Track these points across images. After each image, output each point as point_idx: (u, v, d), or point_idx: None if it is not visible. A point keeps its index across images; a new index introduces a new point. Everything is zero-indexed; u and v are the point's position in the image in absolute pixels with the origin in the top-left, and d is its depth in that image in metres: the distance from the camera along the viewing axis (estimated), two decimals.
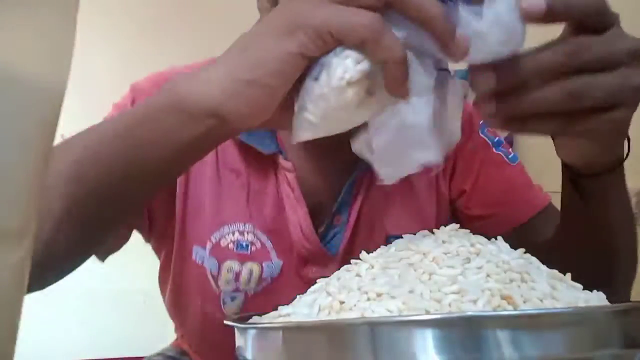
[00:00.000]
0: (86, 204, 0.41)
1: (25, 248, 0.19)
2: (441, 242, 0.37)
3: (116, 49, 1.67)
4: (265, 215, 0.62)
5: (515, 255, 0.36)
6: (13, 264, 0.19)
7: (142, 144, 0.40)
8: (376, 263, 0.36)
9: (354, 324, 0.29)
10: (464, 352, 0.26)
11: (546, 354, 0.27)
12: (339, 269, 0.39)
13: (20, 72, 0.18)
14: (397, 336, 0.27)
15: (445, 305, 0.31)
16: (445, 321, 0.27)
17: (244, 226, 0.60)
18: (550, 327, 0.27)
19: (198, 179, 0.61)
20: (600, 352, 0.28)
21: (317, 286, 0.39)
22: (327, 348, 0.29)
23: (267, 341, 0.32)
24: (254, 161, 0.62)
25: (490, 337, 0.26)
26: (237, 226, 0.60)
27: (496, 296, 0.31)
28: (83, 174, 0.41)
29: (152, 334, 1.73)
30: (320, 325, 0.32)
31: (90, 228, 0.43)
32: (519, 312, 0.30)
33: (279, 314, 0.37)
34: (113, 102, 0.62)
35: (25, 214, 0.19)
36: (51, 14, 0.19)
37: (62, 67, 0.20)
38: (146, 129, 0.39)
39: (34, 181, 0.20)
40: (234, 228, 0.60)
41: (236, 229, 0.60)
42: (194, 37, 1.61)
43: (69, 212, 0.41)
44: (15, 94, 0.18)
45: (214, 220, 0.60)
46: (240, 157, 0.61)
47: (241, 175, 0.61)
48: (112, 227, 0.47)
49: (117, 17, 1.66)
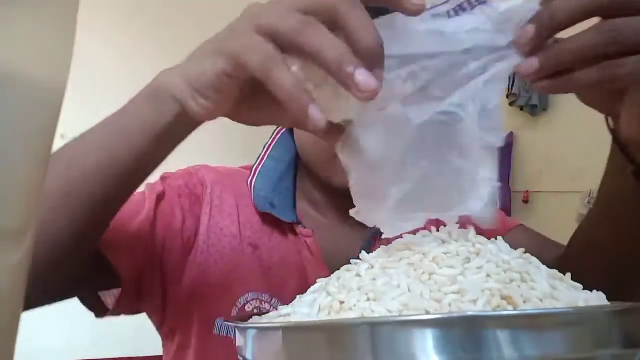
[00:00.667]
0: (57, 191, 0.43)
1: (25, 248, 0.19)
2: (441, 242, 0.37)
3: (117, 48, 1.67)
4: (288, 286, 0.62)
5: (515, 255, 0.36)
6: (13, 264, 0.19)
7: (119, 132, 0.43)
8: (376, 263, 0.36)
9: (354, 324, 0.29)
10: (464, 352, 0.26)
11: (546, 354, 0.27)
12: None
13: (20, 72, 0.18)
14: (397, 336, 0.27)
15: (445, 305, 0.31)
16: (445, 321, 0.27)
17: (262, 296, 0.61)
18: (550, 327, 0.27)
19: (219, 253, 0.62)
20: (600, 352, 0.28)
21: (317, 286, 0.39)
22: (327, 348, 0.29)
23: (267, 341, 0.32)
24: (274, 233, 0.64)
25: (490, 337, 0.26)
26: (257, 294, 0.61)
27: (496, 296, 0.31)
28: (69, 159, 0.44)
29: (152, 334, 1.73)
30: (320, 325, 0.32)
31: (58, 223, 0.43)
32: (519, 312, 0.30)
33: (279, 314, 0.37)
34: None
35: (25, 214, 0.19)
36: (51, 14, 0.19)
37: (62, 67, 0.20)
38: (125, 118, 0.43)
39: (34, 181, 0.20)
40: (255, 296, 0.61)
41: (258, 297, 0.61)
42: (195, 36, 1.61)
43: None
44: (15, 94, 0.18)
45: (239, 288, 0.61)
46: (261, 231, 0.64)
47: (258, 249, 0.63)
48: (81, 225, 0.45)
49: (118, 16, 1.66)
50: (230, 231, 0.62)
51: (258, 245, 0.63)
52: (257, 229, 0.63)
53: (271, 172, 0.65)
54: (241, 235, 0.63)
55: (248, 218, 0.64)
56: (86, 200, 0.44)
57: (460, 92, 0.35)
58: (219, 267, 0.61)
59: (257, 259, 0.62)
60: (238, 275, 0.61)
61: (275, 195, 0.64)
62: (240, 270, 0.61)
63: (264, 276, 0.62)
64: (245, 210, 0.64)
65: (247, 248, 0.62)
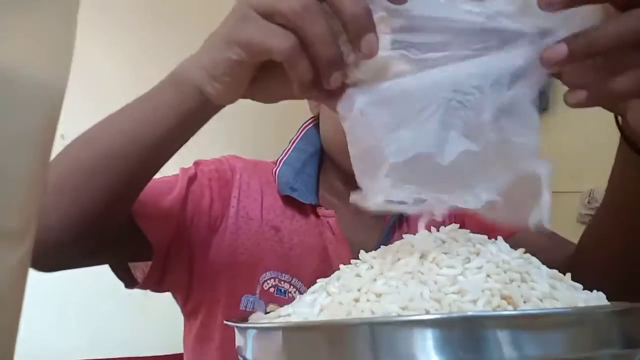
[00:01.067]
0: (80, 173, 0.48)
1: (25, 248, 0.19)
2: (441, 242, 0.37)
3: (118, 47, 1.67)
4: (309, 266, 0.66)
5: (515, 255, 0.36)
6: (13, 264, 0.19)
7: (145, 116, 0.47)
8: (376, 263, 0.36)
9: (354, 324, 0.29)
10: (464, 352, 0.26)
11: (546, 354, 0.27)
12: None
13: (21, 72, 0.18)
14: (397, 336, 0.27)
15: (445, 305, 0.31)
16: (445, 321, 0.27)
17: (282, 275, 0.66)
18: (550, 327, 0.27)
19: (245, 234, 0.66)
20: (600, 352, 0.28)
21: (317, 286, 0.39)
22: (327, 348, 0.29)
23: (267, 341, 0.32)
24: (295, 216, 0.69)
25: (490, 337, 0.26)
26: (276, 274, 0.66)
27: (496, 296, 0.31)
28: (96, 141, 0.49)
29: (152, 334, 1.73)
30: (320, 325, 0.32)
31: (84, 199, 0.48)
32: (519, 312, 0.30)
33: (279, 314, 0.37)
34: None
35: (25, 214, 0.19)
36: (51, 14, 0.19)
37: (62, 67, 0.20)
38: (149, 103, 0.47)
39: (34, 181, 0.20)
40: (274, 275, 0.66)
41: (276, 276, 0.65)
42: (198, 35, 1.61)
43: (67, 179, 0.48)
44: (15, 94, 0.18)
45: (261, 267, 0.65)
46: (283, 214, 0.69)
47: (280, 231, 0.67)
48: (105, 202, 0.49)
49: (119, 15, 1.66)
50: (255, 214, 0.67)
51: (280, 228, 0.67)
52: (279, 212, 0.68)
53: (294, 161, 0.71)
54: (264, 218, 0.68)
55: (271, 203, 0.69)
56: (114, 179, 0.48)
57: (478, 73, 0.34)
58: (245, 247, 0.66)
59: (278, 241, 0.67)
60: (261, 255, 0.66)
61: (296, 181, 0.69)
62: (262, 251, 0.66)
63: (284, 257, 0.66)
64: (269, 196, 0.69)
65: (269, 230, 0.67)
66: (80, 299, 1.56)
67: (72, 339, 1.59)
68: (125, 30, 1.66)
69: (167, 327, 1.66)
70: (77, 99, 1.11)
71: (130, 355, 1.56)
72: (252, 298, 0.65)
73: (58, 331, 1.59)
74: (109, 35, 1.62)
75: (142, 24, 1.68)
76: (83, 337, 1.61)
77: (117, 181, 0.48)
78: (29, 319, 0.34)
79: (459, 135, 0.34)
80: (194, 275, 0.64)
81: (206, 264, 0.64)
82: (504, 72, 0.34)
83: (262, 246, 0.66)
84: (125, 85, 1.78)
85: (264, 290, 0.65)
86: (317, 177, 0.72)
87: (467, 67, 0.34)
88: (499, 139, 0.34)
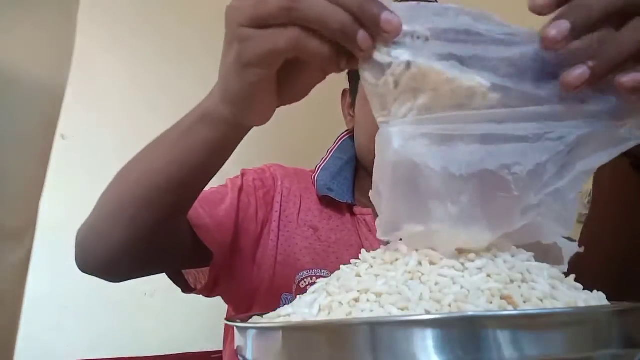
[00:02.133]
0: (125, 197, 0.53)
1: (25, 248, 0.19)
2: None
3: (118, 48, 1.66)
4: (346, 262, 0.67)
5: (516, 256, 0.36)
6: (13, 264, 0.19)
7: (175, 161, 0.49)
8: (376, 263, 0.36)
9: (354, 324, 0.29)
10: (464, 352, 0.26)
11: (546, 354, 0.27)
12: None
13: (21, 72, 0.18)
14: (397, 336, 0.27)
15: (445, 305, 0.31)
16: (445, 321, 0.27)
17: (321, 272, 0.70)
18: (550, 327, 0.27)
19: (284, 235, 0.72)
20: (600, 352, 0.28)
21: (317, 286, 0.39)
22: (327, 348, 0.29)
23: (267, 341, 0.32)
24: (332, 216, 0.75)
25: (490, 337, 0.26)
26: (313, 272, 0.71)
27: (496, 296, 0.31)
28: (132, 180, 0.52)
29: (152, 334, 1.73)
30: (320, 325, 0.32)
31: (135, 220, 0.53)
32: (519, 312, 0.30)
33: (279, 314, 0.37)
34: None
35: (25, 214, 0.19)
36: (51, 14, 0.19)
37: (63, 67, 0.20)
38: (179, 147, 0.49)
39: (34, 181, 0.20)
40: (312, 273, 0.71)
41: (314, 274, 0.70)
42: (198, 36, 1.61)
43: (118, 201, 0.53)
44: (15, 94, 0.18)
45: (297, 266, 0.71)
46: (320, 215, 0.75)
47: (318, 230, 0.74)
48: (153, 229, 0.53)
49: (119, 15, 1.66)
50: (295, 217, 0.74)
51: (318, 227, 0.74)
52: (317, 213, 0.75)
53: (331, 167, 0.78)
54: (303, 219, 0.74)
55: (310, 206, 0.76)
56: (159, 209, 0.52)
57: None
58: (284, 247, 0.72)
59: (316, 239, 0.73)
60: (298, 256, 0.72)
61: (333, 183, 0.76)
62: (299, 251, 0.72)
63: (322, 253, 0.72)
64: (308, 200, 0.76)
65: (308, 230, 0.73)
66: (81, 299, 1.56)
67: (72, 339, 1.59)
68: (126, 30, 1.66)
69: (167, 327, 1.66)
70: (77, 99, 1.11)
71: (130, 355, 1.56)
72: (290, 297, 0.68)
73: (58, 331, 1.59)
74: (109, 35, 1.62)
75: (143, 24, 1.68)
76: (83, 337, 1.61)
77: (162, 212, 0.52)
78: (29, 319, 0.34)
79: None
80: (243, 279, 0.70)
81: (252, 268, 0.70)
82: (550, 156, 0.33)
83: (300, 246, 0.72)
84: (125, 85, 1.78)
85: (300, 288, 0.68)
86: (353, 181, 0.79)
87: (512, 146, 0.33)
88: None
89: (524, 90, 0.33)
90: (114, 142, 1.52)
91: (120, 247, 0.53)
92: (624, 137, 0.33)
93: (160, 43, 1.67)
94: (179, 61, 1.66)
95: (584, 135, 0.33)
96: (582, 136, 0.33)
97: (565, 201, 0.33)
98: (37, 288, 0.72)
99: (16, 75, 0.18)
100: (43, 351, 1.47)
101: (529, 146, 0.33)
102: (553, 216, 0.34)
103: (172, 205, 0.53)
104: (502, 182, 0.33)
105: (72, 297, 1.54)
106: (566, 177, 0.33)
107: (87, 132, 1.52)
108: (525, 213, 0.33)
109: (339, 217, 0.76)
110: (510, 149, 0.33)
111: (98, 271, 0.57)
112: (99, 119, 1.56)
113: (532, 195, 0.33)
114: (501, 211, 0.33)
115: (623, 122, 0.33)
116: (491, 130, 0.33)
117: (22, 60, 0.18)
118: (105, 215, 0.54)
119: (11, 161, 0.18)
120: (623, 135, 0.33)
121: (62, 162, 1.26)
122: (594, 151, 0.33)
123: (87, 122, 1.51)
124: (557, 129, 0.33)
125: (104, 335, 1.61)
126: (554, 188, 0.33)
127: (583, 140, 0.33)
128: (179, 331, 1.59)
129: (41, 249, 0.37)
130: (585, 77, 0.32)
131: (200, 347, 1.53)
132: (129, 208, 0.52)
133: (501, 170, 0.33)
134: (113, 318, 1.61)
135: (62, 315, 1.59)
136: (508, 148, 0.33)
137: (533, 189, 0.33)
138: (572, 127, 0.33)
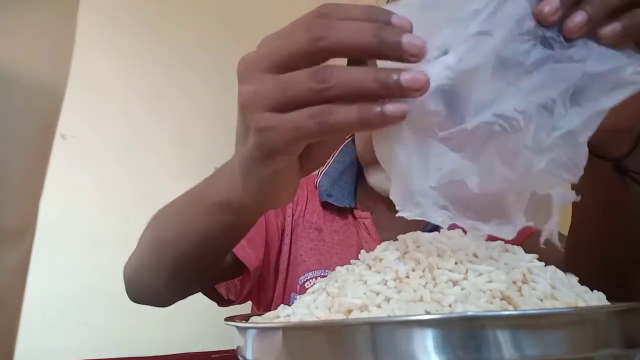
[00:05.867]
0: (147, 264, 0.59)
1: (25, 248, 0.19)
2: (441, 242, 0.37)
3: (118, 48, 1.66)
4: (347, 262, 0.70)
5: (518, 256, 0.36)
6: (13, 264, 0.19)
7: (199, 244, 0.51)
8: (376, 263, 0.36)
9: (354, 324, 0.29)
10: (464, 352, 0.26)
11: (546, 354, 0.27)
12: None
13: (21, 72, 0.18)
14: (397, 336, 0.27)
15: (445, 305, 0.31)
16: (445, 321, 0.27)
17: (324, 272, 0.74)
18: (550, 327, 0.27)
19: (296, 236, 0.77)
20: (600, 352, 0.28)
21: (317, 286, 0.39)
22: (327, 348, 0.29)
23: (267, 341, 0.32)
24: (335, 219, 0.80)
25: (490, 337, 0.26)
26: (319, 272, 0.74)
27: (497, 297, 0.31)
28: (164, 229, 0.56)
29: (152, 334, 1.73)
30: (320, 325, 0.32)
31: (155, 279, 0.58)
32: (519, 312, 0.30)
33: (279, 314, 0.37)
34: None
35: (25, 214, 0.19)
36: (51, 13, 0.19)
37: (62, 67, 0.20)
38: (177, 216, 0.54)
39: (34, 181, 0.20)
40: (317, 274, 0.74)
41: (318, 275, 0.74)
42: (198, 36, 1.61)
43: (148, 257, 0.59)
44: (15, 94, 0.18)
45: (302, 267, 0.76)
46: (324, 217, 0.79)
47: (322, 232, 0.78)
48: (188, 273, 0.57)
49: (119, 15, 1.66)
50: (302, 220, 0.79)
51: (322, 229, 0.78)
52: (321, 216, 0.80)
53: (332, 171, 0.82)
54: (309, 221, 0.79)
55: (314, 208, 0.80)
56: (194, 265, 0.55)
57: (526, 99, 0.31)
58: (294, 249, 0.77)
59: (321, 240, 0.78)
60: (304, 257, 0.76)
61: (333, 188, 0.80)
62: (305, 252, 0.76)
63: (326, 254, 0.76)
64: (313, 203, 0.81)
65: (314, 232, 0.78)
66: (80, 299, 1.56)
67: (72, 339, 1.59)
68: (126, 31, 1.66)
69: (166, 327, 1.66)
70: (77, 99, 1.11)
71: (129, 355, 1.56)
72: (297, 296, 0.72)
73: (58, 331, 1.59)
74: (109, 35, 1.62)
75: (143, 24, 1.68)
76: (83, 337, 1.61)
77: (201, 267, 0.56)
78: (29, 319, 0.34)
79: (497, 162, 0.32)
80: (268, 287, 0.76)
81: (276, 275, 0.76)
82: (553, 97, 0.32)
83: (305, 247, 0.77)
84: (125, 85, 1.78)
85: (304, 288, 0.72)
86: (354, 184, 0.82)
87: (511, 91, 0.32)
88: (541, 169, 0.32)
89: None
90: (114, 142, 1.52)
91: (166, 290, 0.59)
92: (630, 80, 0.32)
93: (160, 44, 1.67)
94: (178, 61, 1.66)
95: (591, 74, 0.32)
96: (589, 74, 0.32)
97: (575, 144, 0.32)
98: (37, 288, 0.72)
99: (16, 75, 0.18)
100: (43, 351, 1.47)
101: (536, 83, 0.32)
102: (563, 161, 0.32)
103: (209, 264, 0.56)
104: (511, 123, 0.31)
105: (72, 297, 1.54)
106: (576, 119, 0.32)
107: (87, 132, 1.52)
108: (541, 154, 0.32)
109: (341, 219, 0.80)
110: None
111: (148, 304, 0.65)
112: (99, 119, 1.56)
113: (544, 137, 0.32)
114: (515, 156, 0.32)
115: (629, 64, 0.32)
116: None
117: (22, 60, 0.18)
118: (148, 264, 0.58)
119: (11, 161, 0.18)
120: (630, 79, 0.32)
121: (61, 162, 1.26)
122: (601, 93, 0.32)
123: (87, 122, 1.51)
124: (564, 66, 0.32)
125: (104, 335, 1.61)
126: (567, 130, 0.32)
127: (591, 80, 0.32)
128: (179, 331, 1.59)
129: (41, 249, 0.37)
130: (584, 22, 0.31)
131: (201, 347, 1.53)
132: (168, 261, 0.55)
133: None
134: (113, 318, 1.61)
135: (62, 315, 1.59)
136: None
137: (544, 129, 0.32)
138: (580, 65, 0.32)
